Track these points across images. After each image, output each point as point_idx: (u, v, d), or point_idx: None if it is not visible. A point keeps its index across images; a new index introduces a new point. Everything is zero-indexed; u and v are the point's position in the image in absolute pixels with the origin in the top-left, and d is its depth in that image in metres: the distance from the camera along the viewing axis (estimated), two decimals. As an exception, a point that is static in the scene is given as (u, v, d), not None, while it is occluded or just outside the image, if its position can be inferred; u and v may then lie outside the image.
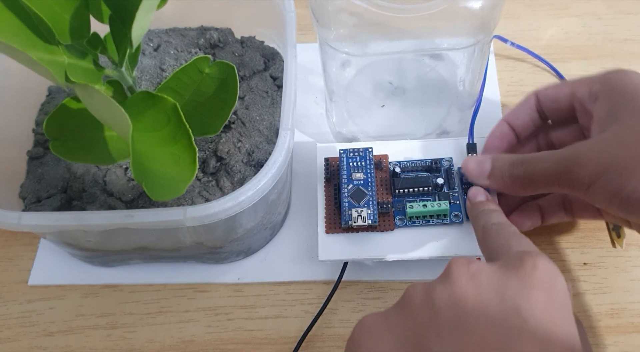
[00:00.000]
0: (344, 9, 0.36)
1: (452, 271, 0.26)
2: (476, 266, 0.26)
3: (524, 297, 0.24)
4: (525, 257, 0.25)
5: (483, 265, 0.26)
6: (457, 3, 0.35)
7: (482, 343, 0.23)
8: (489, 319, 0.24)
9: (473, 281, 0.25)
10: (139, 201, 0.37)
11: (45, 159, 0.40)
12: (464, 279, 0.25)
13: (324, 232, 0.38)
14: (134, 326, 0.41)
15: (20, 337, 0.41)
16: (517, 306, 0.24)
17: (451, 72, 0.45)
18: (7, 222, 0.33)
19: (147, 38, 0.44)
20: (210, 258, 0.42)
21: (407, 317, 0.26)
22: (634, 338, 0.38)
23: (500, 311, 0.24)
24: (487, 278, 0.25)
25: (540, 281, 0.24)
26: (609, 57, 0.51)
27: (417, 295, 0.26)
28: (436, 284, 0.26)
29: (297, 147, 0.45)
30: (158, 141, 0.30)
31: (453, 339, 0.24)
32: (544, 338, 0.23)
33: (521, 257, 0.25)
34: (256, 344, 0.40)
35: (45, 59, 0.29)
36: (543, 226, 0.39)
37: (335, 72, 0.42)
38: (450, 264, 0.26)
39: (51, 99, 0.44)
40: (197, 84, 0.35)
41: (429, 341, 0.24)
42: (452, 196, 0.39)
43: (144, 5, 0.28)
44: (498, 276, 0.25)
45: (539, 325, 0.23)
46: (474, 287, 0.25)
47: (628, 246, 0.42)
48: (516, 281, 0.24)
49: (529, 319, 0.23)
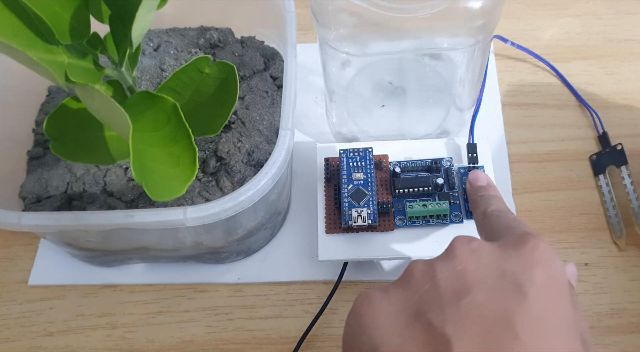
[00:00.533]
0: (344, 9, 0.35)
1: (454, 247, 0.26)
2: (477, 243, 0.26)
3: (525, 273, 0.24)
4: (526, 237, 0.26)
5: (484, 243, 0.26)
6: (457, 3, 0.35)
7: (481, 315, 0.23)
8: (489, 292, 0.24)
9: (474, 256, 0.25)
10: (139, 201, 0.37)
11: (45, 159, 0.40)
12: (465, 254, 0.26)
13: (324, 232, 0.38)
14: (134, 326, 0.41)
15: (20, 337, 0.41)
16: (517, 280, 0.24)
17: (451, 72, 0.45)
18: (7, 222, 0.33)
19: (147, 38, 0.44)
20: (210, 258, 0.42)
21: (407, 290, 0.26)
22: (634, 338, 0.38)
23: (500, 285, 0.24)
24: (488, 254, 0.26)
25: (540, 259, 0.25)
26: (609, 57, 0.51)
27: (418, 269, 0.26)
28: (438, 260, 0.26)
29: (297, 147, 0.45)
30: (158, 141, 0.30)
31: (453, 311, 0.24)
32: (541, 312, 0.23)
33: (522, 237, 0.26)
34: (256, 344, 0.40)
35: (45, 59, 0.29)
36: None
37: (335, 72, 0.42)
38: (453, 241, 0.27)
39: (51, 99, 0.44)
40: (197, 84, 0.35)
41: (428, 312, 0.24)
42: (452, 196, 0.39)
43: (144, 5, 0.28)
44: (499, 252, 0.26)
45: (537, 299, 0.24)
46: (475, 261, 0.25)
47: (628, 246, 0.42)
48: (516, 259, 0.25)
49: (528, 293, 0.24)
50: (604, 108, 0.48)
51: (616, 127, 0.47)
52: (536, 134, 0.47)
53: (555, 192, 0.44)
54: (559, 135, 0.47)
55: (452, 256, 0.26)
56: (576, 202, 0.44)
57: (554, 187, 0.45)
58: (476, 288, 0.24)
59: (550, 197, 0.44)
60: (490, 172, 0.40)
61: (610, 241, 0.42)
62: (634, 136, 0.46)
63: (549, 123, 0.48)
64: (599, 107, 0.48)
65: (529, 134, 0.47)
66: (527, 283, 0.24)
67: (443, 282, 0.25)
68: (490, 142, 0.41)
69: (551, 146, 0.46)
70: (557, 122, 0.48)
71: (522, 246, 0.25)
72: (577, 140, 0.47)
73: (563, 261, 0.27)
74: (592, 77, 0.50)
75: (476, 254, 0.26)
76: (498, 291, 0.24)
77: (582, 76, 0.50)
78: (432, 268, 0.26)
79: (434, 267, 0.26)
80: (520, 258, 0.25)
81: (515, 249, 0.26)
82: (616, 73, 0.50)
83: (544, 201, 0.44)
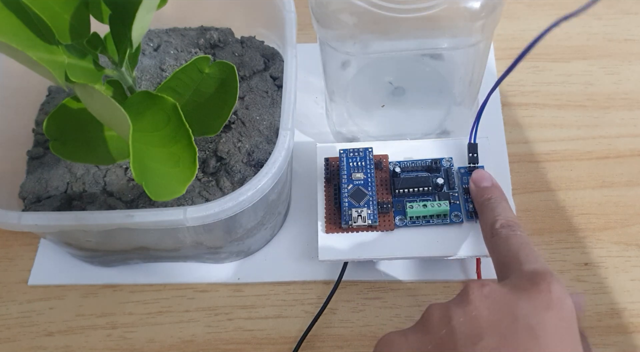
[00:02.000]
0: (344, 9, 0.35)
1: (468, 292, 0.28)
2: (489, 288, 0.27)
3: (537, 317, 0.25)
4: (537, 279, 0.27)
5: (496, 286, 0.28)
6: (457, 3, 0.35)
7: None
8: (503, 336, 0.25)
9: (487, 301, 0.27)
10: (139, 201, 0.37)
11: (45, 159, 0.40)
12: (479, 299, 0.27)
13: (324, 232, 0.38)
14: (134, 326, 0.41)
15: (20, 337, 0.41)
16: (529, 324, 0.25)
17: (451, 72, 0.45)
18: (7, 222, 0.33)
19: (147, 38, 0.44)
20: (210, 258, 0.42)
21: (425, 334, 0.28)
22: (634, 338, 0.38)
23: (513, 329, 0.25)
24: (501, 299, 0.27)
25: (552, 303, 0.26)
26: (609, 57, 0.51)
27: (435, 314, 0.28)
28: (452, 305, 0.28)
29: (297, 147, 0.45)
30: (158, 141, 0.30)
31: None
32: None
33: (533, 278, 0.27)
34: (256, 344, 0.40)
35: (45, 59, 0.29)
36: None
37: (335, 72, 0.42)
38: (466, 286, 0.28)
39: (51, 99, 0.44)
40: (197, 84, 0.35)
41: None
42: (452, 195, 0.39)
43: (144, 5, 0.28)
44: (511, 296, 0.27)
45: (549, 343, 0.25)
46: (488, 306, 0.27)
47: (628, 246, 0.42)
48: (528, 302, 0.26)
49: (540, 337, 0.25)
50: (604, 108, 0.48)
51: (616, 127, 0.47)
52: (536, 134, 0.47)
53: (555, 192, 0.44)
54: (559, 135, 0.47)
55: (466, 301, 0.27)
56: (576, 202, 0.44)
57: (554, 187, 0.45)
58: (489, 333, 0.26)
59: (550, 197, 0.44)
60: (491, 172, 0.39)
61: (610, 240, 0.42)
62: (634, 136, 0.46)
63: (549, 123, 0.48)
64: (599, 107, 0.48)
65: (529, 134, 0.47)
66: (538, 327, 0.25)
67: (458, 327, 0.26)
68: (490, 142, 0.41)
69: (551, 146, 0.46)
70: (557, 122, 0.48)
71: (534, 289, 0.27)
72: (577, 141, 0.47)
73: (572, 293, 0.28)
74: (592, 77, 0.50)
75: (489, 300, 0.27)
76: (510, 336, 0.25)
77: (582, 76, 0.50)
78: (448, 313, 0.27)
79: (450, 313, 0.27)
80: (531, 301, 0.26)
81: (526, 292, 0.27)
82: (616, 73, 0.50)
83: (544, 201, 0.44)
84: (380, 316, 0.40)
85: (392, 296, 0.41)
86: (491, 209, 0.34)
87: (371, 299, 0.41)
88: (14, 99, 0.41)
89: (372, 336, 0.39)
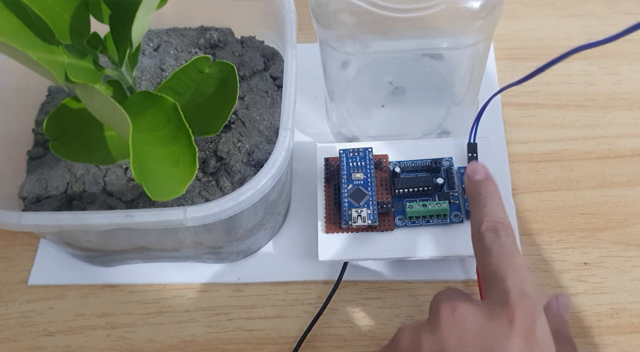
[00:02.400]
0: (344, 9, 0.35)
1: (438, 317, 0.28)
2: (460, 312, 0.27)
3: (503, 346, 0.26)
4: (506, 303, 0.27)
5: (468, 310, 0.27)
6: (457, 3, 0.35)
7: None
8: None
9: (457, 328, 0.27)
10: (139, 201, 0.37)
11: (45, 159, 0.40)
12: (449, 327, 0.27)
13: (324, 232, 0.38)
14: (134, 326, 0.41)
15: (20, 337, 0.41)
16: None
17: (451, 72, 0.45)
18: (7, 222, 0.33)
19: (147, 38, 0.44)
20: (210, 258, 0.42)
21: None
22: (634, 338, 0.38)
23: None
24: (471, 326, 0.27)
25: (519, 329, 0.26)
26: (609, 57, 0.51)
27: (405, 340, 0.28)
28: (423, 330, 0.28)
29: (297, 147, 0.45)
30: (158, 141, 0.30)
31: None
32: None
33: (503, 302, 0.27)
34: (256, 344, 0.40)
35: (45, 59, 0.29)
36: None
37: (335, 72, 0.42)
38: (438, 306, 0.28)
39: (51, 99, 0.44)
40: (197, 84, 0.35)
41: None
42: (452, 195, 0.39)
43: (144, 5, 0.28)
44: (481, 323, 0.27)
45: None
46: (457, 335, 0.27)
47: (628, 246, 0.42)
48: (496, 330, 0.26)
49: None
50: (604, 108, 0.48)
51: (616, 127, 0.47)
52: (536, 134, 0.47)
53: (555, 192, 0.44)
54: (559, 135, 0.47)
55: (436, 325, 0.27)
56: (576, 202, 0.44)
57: (554, 187, 0.45)
58: None
59: (550, 197, 0.44)
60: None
61: (610, 240, 0.42)
62: (634, 136, 0.46)
63: (549, 123, 0.48)
64: (599, 107, 0.48)
65: (529, 134, 0.47)
66: None
67: None
68: (490, 142, 0.41)
69: (551, 146, 0.46)
70: (557, 122, 0.48)
71: (502, 315, 0.27)
72: (577, 140, 0.47)
73: (557, 294, 0.28)
74: (592, 77, 0.50)
75: (459, 326, 0.27)
76: None
77: (582, 76, 0.50)
78: (417, 339, 0.28)
79: (419, 339, 0.28)
80: (499, 328, 0.26)
81: (496, 319, 0.27)
82: (616, 73, 0.50)
83: (544, 201, 0.44)
84: (380, 316, 0.40)
85: (392, 296, 0.41)
86: (480, 207, 0.32)
87: (371, 299, 0.41)
88: (14, 99, 0.41)
89: (372, 336, 0.39)
